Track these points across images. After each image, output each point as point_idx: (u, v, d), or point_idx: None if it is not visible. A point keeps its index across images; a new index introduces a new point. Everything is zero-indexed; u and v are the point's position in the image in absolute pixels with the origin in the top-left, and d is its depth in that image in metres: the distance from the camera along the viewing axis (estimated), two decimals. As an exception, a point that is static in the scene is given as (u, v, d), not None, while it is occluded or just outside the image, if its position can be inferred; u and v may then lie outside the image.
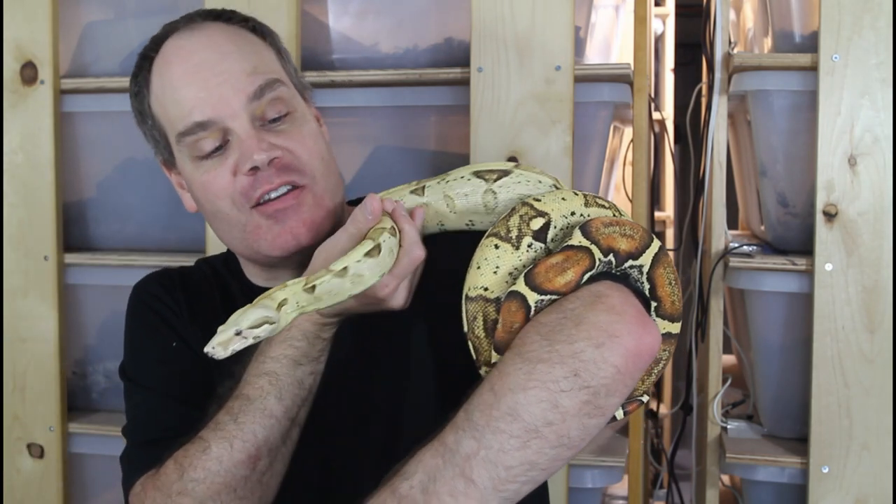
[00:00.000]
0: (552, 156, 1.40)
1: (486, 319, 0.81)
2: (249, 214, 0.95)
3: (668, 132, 2.48)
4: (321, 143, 1.00)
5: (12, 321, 1.60)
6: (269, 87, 0.95)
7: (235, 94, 0.94)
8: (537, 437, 0.69)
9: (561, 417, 0.69)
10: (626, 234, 0.80)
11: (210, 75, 0.94)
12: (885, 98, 1.35)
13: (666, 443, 2.18)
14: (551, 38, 1.40)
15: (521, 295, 0.77)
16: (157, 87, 0.98)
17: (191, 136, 0.95)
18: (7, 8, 1.57)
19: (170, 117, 0.97)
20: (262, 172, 0.93)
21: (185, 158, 0.98)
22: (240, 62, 0.95)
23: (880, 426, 1.37)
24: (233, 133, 0.94)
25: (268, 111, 0.95)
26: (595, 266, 0.78)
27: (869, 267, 1.37)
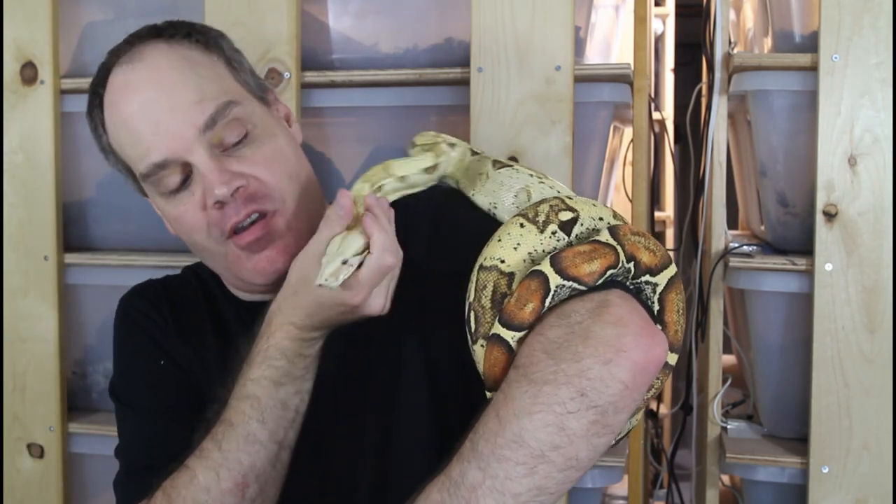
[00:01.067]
0: (552, 156, 1.40)
1: (495, 291, 0.79)
2: (227, 246, 0.94)
3: (668, 132, 2.48)
4: (288, 159, 0.96)
5: (12, 321, 1.60)
6: (220, 113, 0.92)
7: (187, 127, 0.91)
8: (544, 463, 0.69)
9: (568, 440, 0.69)
10: (649, 248, 0.79)
11: (158, 113, 0.92)
12: (885, 98, 1.35)
13: (666, 443, 2.18)
14: (551, 38, 1.40)
15: (545, 275, 0.76)
16: (111, 127, 0.97)
17: (152, 176, 0.94)
18: (7, 8, 1.57)
19: (130, 157, 0.96)
20: (229, 205, 0.91)
21: (154, 194, 0.97)
22: (186, 92, 0.92)
23: (880, 426, 1.37)
24: (194, 167, 0.92)
25: (225, 136, 0.93)
26: (618, 266, 0.77)
27: (869, 267, 1.37)
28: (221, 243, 0.94)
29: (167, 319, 1.02)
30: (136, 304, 1.05)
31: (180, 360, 1.00)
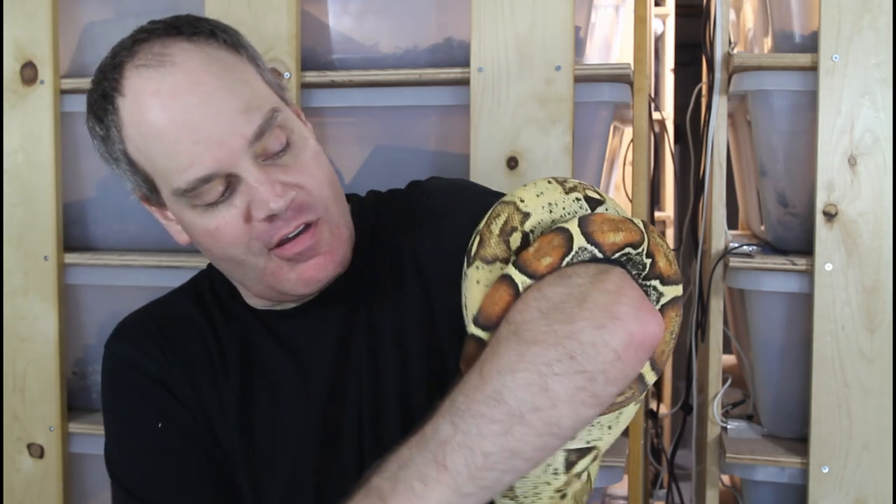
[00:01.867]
0: (552, 156, 1.40)
1: (507, 222, 0.77)
2: (268, 258, 0.88)
3: (668, 132, 2.48)
4: (325, 165, 0.91)
5: (12, 321, 1.60)
6: (268, 123, 0.85)
7: (234, 138, 0.83)
8: (522, 424, 0.65)
9: (550, 403, 0.65)
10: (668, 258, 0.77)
11: (201, 122, 0.83)
12: (885, 98, 1.35)
13: (666, 443, 2.18)
14: (551, 38, 1.40)
15: (570, 234, 0.74)
16: (136, 136, 0.86)
17: (195, 191, 0.85)
18: (7, 8, 1.57)
19: (160, 170, 0.86)
20: (279, 217, 0.86)
21: (182, 208, 0.88)
22: (230, 99, 0.84)
23: (880, 426, 1.37)
24: (238, 178, 0.85)
25: (270, 146, 0.86)
26: (638, 248, 0.75)
27: (869, 267, 1.37)
28: (262, 255, 0.88)
29: (161, 363, 0.93)
30: (125, 352, 0.95)
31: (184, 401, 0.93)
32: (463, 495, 0.64)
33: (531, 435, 0.65)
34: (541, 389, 0.65)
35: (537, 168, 1.41)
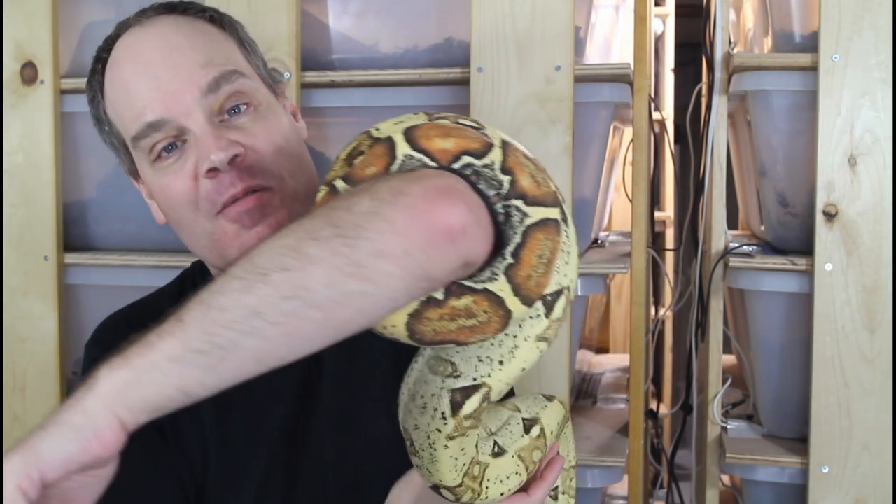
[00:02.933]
0: (552, 156, 1.40)
1: (356, 147, 0.71)
2: (215, 222, 0.86)
3: (668, 132, 2.48)
4: (290, 138, 0.90)
5: (12, 321, 1.60)
6: (225, 78, 0.86)
7: (188, 88, 0.85)
8: (265, 282, 0.59)
9: (300, 265, 0.59)
10: (535, 178, 0.69)
11: (160, 71, 0.85)
12: (885, 98, 1.35)
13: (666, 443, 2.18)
14: (551, 38, 1.40)
15: (393, 142, 0.69)
16: (109, 90, 0.90)
17: (145, 139, 0.86)
18: (7, 8, 1.57)
19: (123, 121, 0.89)
20: (224, 174, 0.84)
21: (143, 164, 0.89)
22: (192, 54, 0.86)
23: (880, 426, 1.37)
24: (189, 132, 0.85)
25: (226, 104, 0.86)
26: (481, 157, 0.69)
27: (869, 267, 1.37)
28: (210, 219, 0.86)
29: None
30: (96, 354, 0.93)
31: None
32: (194, 350, 0.59)
33: (275, 296, 0.59)
34: (293, 251, 0.60)
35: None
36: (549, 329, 0.72)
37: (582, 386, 1.93)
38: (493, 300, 0.66)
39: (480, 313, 0.66)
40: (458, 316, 0.66)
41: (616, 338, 2.52)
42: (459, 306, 0.66)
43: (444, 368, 0.70)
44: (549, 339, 0.72)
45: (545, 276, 0.69)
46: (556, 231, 0.70)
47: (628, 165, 1.73)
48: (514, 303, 0.67)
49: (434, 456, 0.72)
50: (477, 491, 0.78)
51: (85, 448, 0.58)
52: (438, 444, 0.71)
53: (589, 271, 1.49)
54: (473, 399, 0.70)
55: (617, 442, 1.54)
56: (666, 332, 2.70)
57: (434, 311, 0.66)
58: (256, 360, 0.61)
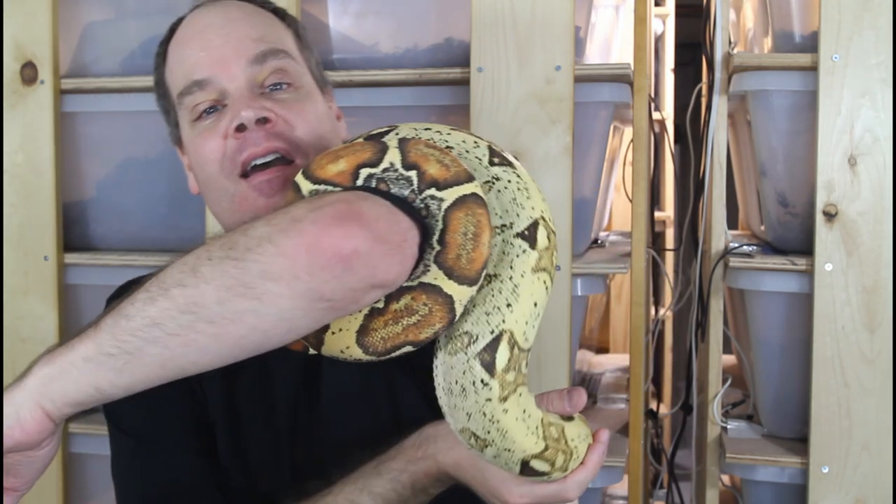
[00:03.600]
0: (552, 156, 1.40)
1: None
2: (237, 184, 0.89)
3: (668, 132, 2.48)
4: (323, 123, 0.93)
5: (12, 321, 1.60)
6: (272, 54, 0.91)
7: (236, 56, 0.90)
8: (165, 297, 0.66)
9: (195, 282, 0.65)
10: (442, 162, 0.72)
11: (213, 37, 0.91)
12: (885, 98, 1.35)
13: (666, 443, 2.18)
14: (551, 38, 1.40)
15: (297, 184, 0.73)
16: (169, 55, 0.97)
17: (188, 95, 0.91)
18: (7, 8, 1.57)
19: (175, 79, 0.94)
20: (250, 133, 0.87)
21: (185, 123, 0.94)
22: (246, 29, 0.92)
23: (880, 426, 1.37)
24: (229, 96, 0.90)
25: (269, 79, 0.91)
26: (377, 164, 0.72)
27: (869, 267, 1.37)
28: (233, 180, 0.89)
29: None
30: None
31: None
32: (105, 353, 0.66)
33: (173, 309, 0.65)
34: (191, 270, 0.66)
35: (537, 168, 1.41)
36: (542, 259, 0.73)
37: (582, 386, 1.93)
38: (430, 290, 0.69)
39: (421, 307, 0.69)
40: (400, 317, 0.69)
41: (616, 338, 2.52)
42: (400, 308, 0.69)
43: (460, 343, 0.70)
44: (547, 268, 0.74)
45: (476, 250, 0.70)
46: (477, 203, 0.71)
47: (628, 165, 1.73)
48: (451, 286, 0.69)
49: (501, 429, 0.71)
50: (567, 451, 0.76)
51: (7, 435, 0.66)
52: (497, 413, 0.70)
53: (589, 271, 1.49)
54: (501, 350, 0.70)
55: (617, 442, 1.54)
56: (666, 332, 2.70)
57: (378, 320, 0.70)
58: (160, 366, 0.67)
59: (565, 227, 1.41)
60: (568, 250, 1.42)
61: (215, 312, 0.65)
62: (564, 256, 1.42)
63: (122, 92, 1.60)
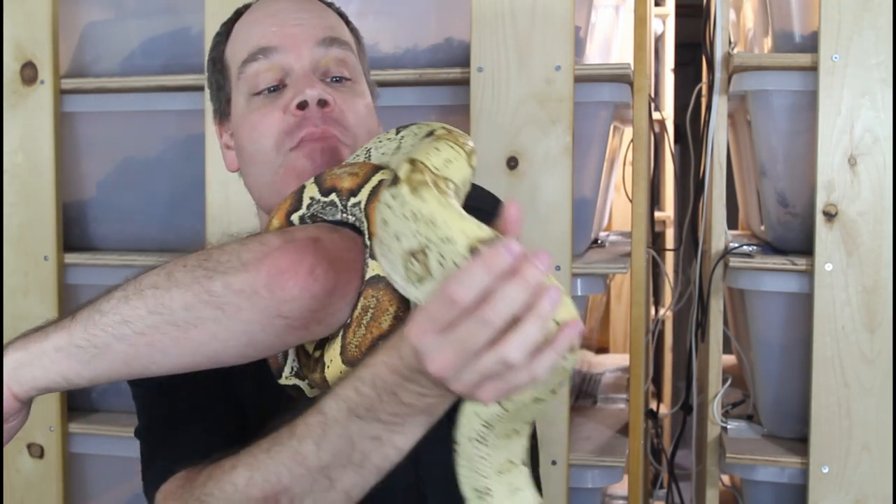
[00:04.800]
0: (552, 156, 1.40)
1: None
2: (287, 156, 0.91)
3: (668, 132, 2.48)
4: (370, 119, 0.96)
5: (12, 321, 1.60)
6: (339, 43, 0.94)
7: (306, 35, 0.92)
8: (138, 296, 0.70)
9: (168, 285, 0.70)
10: (352, 173, 0.77)
11: (287, 18, 0.94)
12: (885, 98, 1.35)
13: (666, 443, 2.18)
14: (551, 38, 1.40)
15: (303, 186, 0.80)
16: (235, 31, 0.98)
17: (252, 63, 0.92)
18: (7, 8, 1.57)
19: (237, 52, 0.95)
20: (310, 112, 0.89)
21: (240, 96, 0.95)
22: (319, 16, 0.95)
23: (880, 426, 1.37)
24: (291, 75, 0.92)
25: (331, 67, 0.93)
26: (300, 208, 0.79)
27: (869, 267, 1.37)
28: (283, 153, 0.91)
29: None
30: None
31: None
32: (75, 345, 0.71)
33: (143, 309, 0.70)
34: (166, 275, 0.71)
35: (537, 168, 1.41)
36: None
37: (582, 386, 1.93)
38: (371, 283, 0.73)
39: (371, 301, 0.73)
40: (361, 320, 0.73)
41: (616, 338, 2.52)
42: (358, 312, 0.74)
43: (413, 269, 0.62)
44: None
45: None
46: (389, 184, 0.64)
47: (628, 165, 1.73)
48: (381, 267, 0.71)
49: (427, 219, 0.59)
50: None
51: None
52: (414, 206, 0.60)
53: (589, 271, 1.49)
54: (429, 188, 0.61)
55: (617, 442, 1.54)
56: (666, 332, 2.70)
57: (348, 333, 0.74)
58: (124, 363, 0.71)
59: (565, 227, 1.41)
60: (568, 250, 1.42)
61: (180, 317, 0.69)
62: (565, 256, 1.42)
63: (122, 92, 1.60)
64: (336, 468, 0.70)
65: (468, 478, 0.71)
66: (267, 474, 0.72)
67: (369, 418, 0.68)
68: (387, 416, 0.68)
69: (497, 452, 0.69)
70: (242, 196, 1.01)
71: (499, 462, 0.70)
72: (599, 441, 1.55)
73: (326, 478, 0.71)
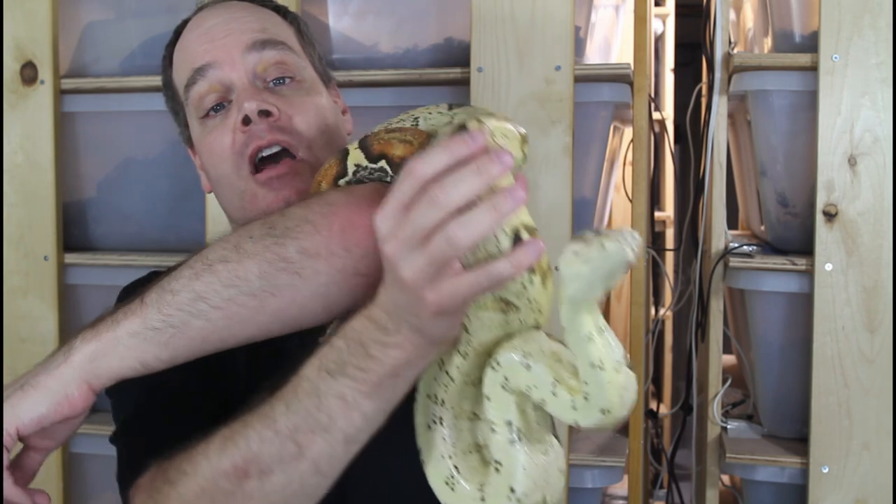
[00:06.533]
0: (552, 156, 1.40)
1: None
2: (247, 182, 0.90)
3: (668, 132, 2.48)
4: (327, 117, 0.94)
5: (12, 321, 1.60)
6: (271, 43, 0.92)
7: (235, 42, 0.91)
8: (209, 272, 0.69)
9: (238, 257, 0.69)
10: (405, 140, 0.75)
11: (217, 33, 0.93)
12: (885, 98, 1.35)
13: (666, 443, 2.18)
14: (551, 38, 1.40)
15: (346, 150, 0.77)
16: (175, 56, 0.98)
17: (193, 86, 0.92)
18: (7, 8, 1.57)
19: (180, 76, 0.95)
20: (254, 126, 0.89)
21: (193, 122, 0.95)
22: (248, 22, 0.94)
23: (880, 426, 1.37)
24: (234, 89, 0.91)
25: (269, 71, 0.92)
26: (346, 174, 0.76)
27: (869, 267, 1.37)
28: (243, 178, 0.90)
29: None
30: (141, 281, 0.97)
31: None
32: (150, 328, 0.70)
33: (217, 283, 0.69)
34: (233, 247, 0.70)
35: (537, 168, 1.41)
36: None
37: (582, 386, 1.92)
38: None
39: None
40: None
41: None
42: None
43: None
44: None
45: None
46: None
47: (628, 165, 1.73)
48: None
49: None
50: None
51: (57, 410, 0.71)
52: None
53: (589, 271, 1.49)
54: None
55: (617, 442, 1.55)
56: (666, 332, 2.70)
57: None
58: (202, 339, 0.70)
59: (565, 227, 1.41)
60: (568, 250, 1.42)
61: (257, 286, 0.68)
62: (564, 256, 1.41)
63: (122, 92, 1.60)
64: (304, 432, 0.67)
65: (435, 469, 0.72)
66: (237, 441, 0.70)
67: (338, 374, 0.67)
68: (354, 371, 0.66)
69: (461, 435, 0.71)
70: (242, 196, 1.01)
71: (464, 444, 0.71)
72: (599, 441, 1.55)
73: (295, 444, 0.68)
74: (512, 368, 0.66)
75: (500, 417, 0.67)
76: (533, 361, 0.65)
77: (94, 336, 0.71)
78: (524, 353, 0.66)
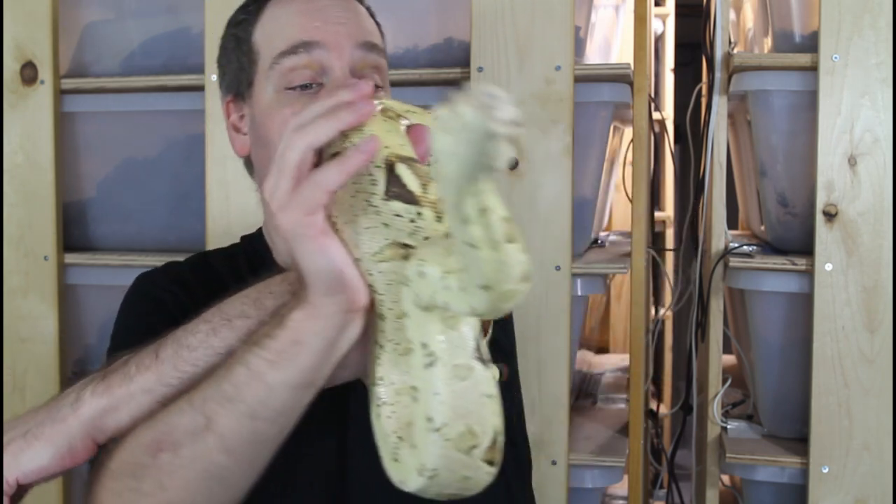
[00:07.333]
0: (552, 156, 1.40)
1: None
2: None
3: (668, 132, 2.48)
4: None
5: (12, 321, 1.60)
6: (377, 49, 0.92)
7: (349, 34, 0.89)
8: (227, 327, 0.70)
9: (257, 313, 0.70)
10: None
11: (330, 15, 0.90)
12: (885, 98, 1.35)
13: (666, 443, 2.18)
14: (551, 38, 1.40)
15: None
16: (268, 18, 0.92)
17: (291, 55, 0.88)
18: (7, 8, 1.57)
19: (273, 41, 0.90)
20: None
21: (270, 87, 0.90)
22: (363, 18, 0.93)
23: (880, 426, 1.37)
24: (329, 74, 0.88)
25: (366, 72, 0.90)
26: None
27: (869, 267, 1.37)
28: None
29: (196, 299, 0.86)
30: (158, 278, 0.95)
31: None
32: (165, 384, 0.69)
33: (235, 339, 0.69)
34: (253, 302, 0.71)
35: (537, 168, 1.41)
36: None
37: (582, 386, 1.93)
38: None
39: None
40: None
41: (616, 338, 2.52)
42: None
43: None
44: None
45: None
46: None
47: (628, 165, 1.73)
48: None
49: None
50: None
51: (59, 463, 0.70)
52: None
53: (589, 271, 1.49)
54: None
55: (617, 442, 1.54)
56: (666, 332, 2.70)
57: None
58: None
59: (565, 227, 1.41)
60: (568, 250, 1.42)
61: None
62: (565, 256, 1.42)
63: (122, 92, 1.60)
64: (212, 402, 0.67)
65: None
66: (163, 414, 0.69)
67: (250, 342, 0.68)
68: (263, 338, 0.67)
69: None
70: (242, 196, 1.01)
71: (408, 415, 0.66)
72: (599, 441, 1.55)
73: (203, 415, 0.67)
74: (414, 281, 0.63)
75: (416, 339, 0.64)
76: (427, 266, 0.61)
77: (105, 390, 0.70)
78: (419, 260, 0.62)
